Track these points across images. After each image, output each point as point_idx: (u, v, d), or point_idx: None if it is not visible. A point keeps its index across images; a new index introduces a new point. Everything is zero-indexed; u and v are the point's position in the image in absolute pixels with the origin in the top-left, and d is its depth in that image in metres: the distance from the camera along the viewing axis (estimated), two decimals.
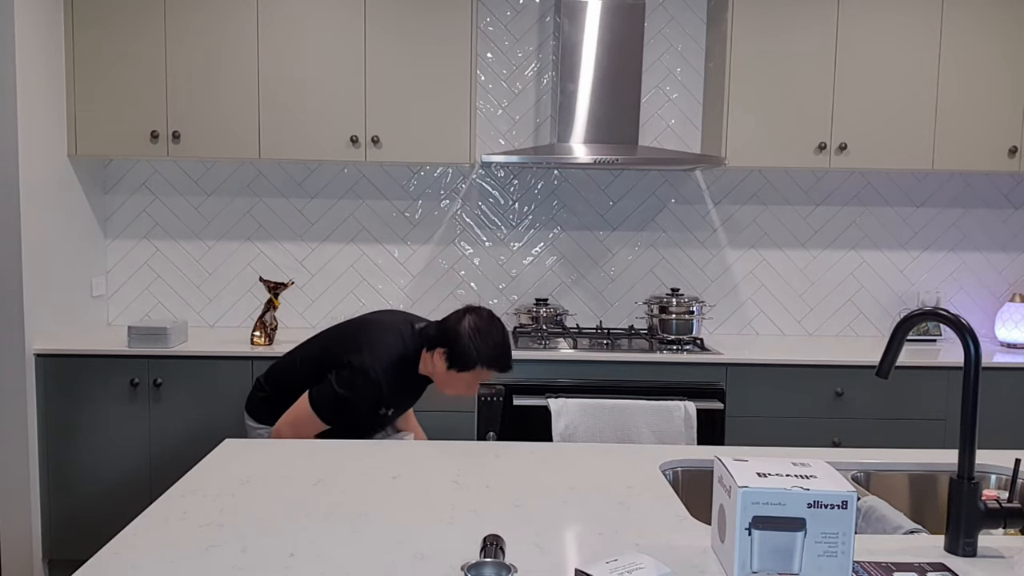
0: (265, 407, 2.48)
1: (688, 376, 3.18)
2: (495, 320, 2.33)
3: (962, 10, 3.36)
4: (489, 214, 3.76)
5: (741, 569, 1.22)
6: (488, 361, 2.29)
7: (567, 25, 3.39)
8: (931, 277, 3.82)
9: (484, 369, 2.30)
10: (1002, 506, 1.38)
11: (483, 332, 2.28)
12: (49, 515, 3.18)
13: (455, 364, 2.29)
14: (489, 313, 2.34)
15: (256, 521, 1.46)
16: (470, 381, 2.33)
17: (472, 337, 2.27)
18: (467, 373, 2.30)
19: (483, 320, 2.30)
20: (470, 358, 2.27)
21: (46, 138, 3.19)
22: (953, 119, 3.39)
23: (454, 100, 3.35)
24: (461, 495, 1.62)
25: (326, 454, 1.88)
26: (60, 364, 3.13)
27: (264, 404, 2.48)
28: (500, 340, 2.31)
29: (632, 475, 1.76)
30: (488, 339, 2.28)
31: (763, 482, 1.23)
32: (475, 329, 2.28)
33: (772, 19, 3.36)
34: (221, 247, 3.73)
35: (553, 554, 1.35)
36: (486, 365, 2.29)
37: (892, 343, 1.53)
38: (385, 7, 3.31)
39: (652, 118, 3.73)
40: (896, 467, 1.88)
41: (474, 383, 2.34)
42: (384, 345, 2.32)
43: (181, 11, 3.28)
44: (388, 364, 2.29)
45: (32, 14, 3.07)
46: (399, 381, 2.34)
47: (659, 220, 3.77)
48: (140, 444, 3.18)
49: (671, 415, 3.02)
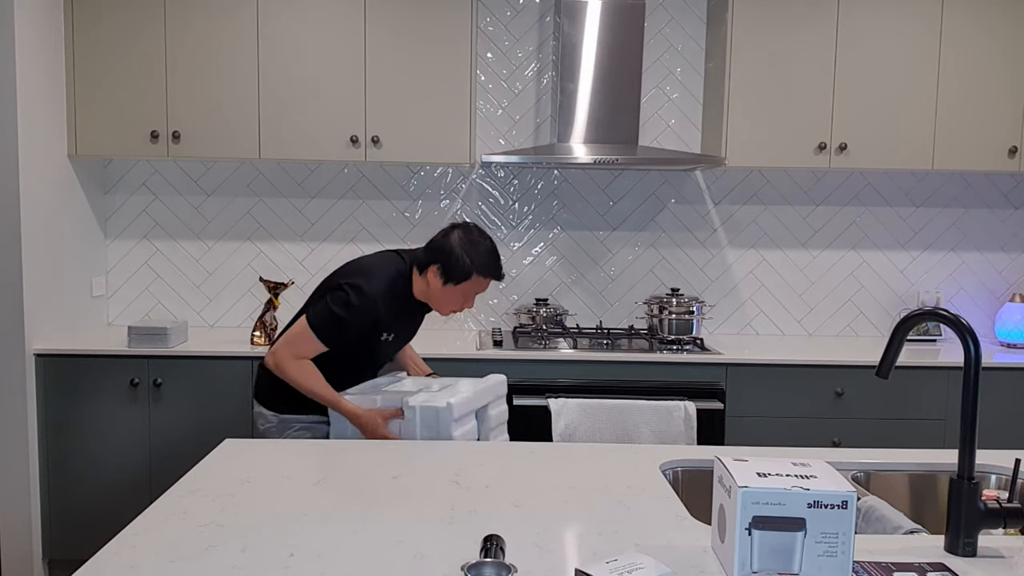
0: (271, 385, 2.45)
1: (688, 376, 3.18)
2: (482, 231, 2.39)
3: (962, 10, 3.36)
4: (489, 214, 3.76)
5: (741, 569, 1.23)
6: (482, 268, 2.33)
7: (567, 25, 3.39)
8: (931, 277, 3.82)
9: (479, 277, 2.34)
10: (1002, 506, 1.38)
11: (473, 242, 2.34)
12: (49, 515, 3.18)
13: (451, 277, 2.33)
14: (475, 226, 2.39)
15: (256, 521, 1.47)
16: (466, 292, 2.37)
17: (464, 248, 2.32)
18: (463, 285, 2.34)
19: (471, 232, 2.36)
20: (464, 267, 2.31)
21: (46, 138, 3.19)
22: (953, 119, 3.39)
23: (454, 100, 3.35)
24: (461, 495, 1.62)
25: (326, 454, 1.88)
26: (60, 364, 3.13)
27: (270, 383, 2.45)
28: (490, 247, 2.37)
29: (632, 475, 1.76)
30: (479, 247, 2.34)
31: (763, 482, 1.23)
32: (465, 241, 2.33)
33: (772, 19, 3.36)
34: (221, 247, 3.73)
35: (553, 554, 1.35)
36: (480, 273, 2.33)
37: (892, 343, 1.53)
38: (385, 7, 3.31)
39: (652, 118, 3.73)
40: (896, 467, 1.88)
41: (470, 295, 2.38)
42: (378, 267, 2.38)
43: (181, 11, 3.28)
44: (385, 284, 2.34)
45: (32, 14, 3.07)
46: (395, 304, 2.36)
47: (659, 220, 3.77)
48: (140, 444, 3.18)
49: (671, 415, 3.02)
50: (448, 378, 2.51)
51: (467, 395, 2.24)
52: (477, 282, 2.35)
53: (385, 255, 2.48)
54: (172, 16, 3.28)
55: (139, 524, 1.44)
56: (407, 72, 3.33)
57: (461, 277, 2.33)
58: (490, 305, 3.78)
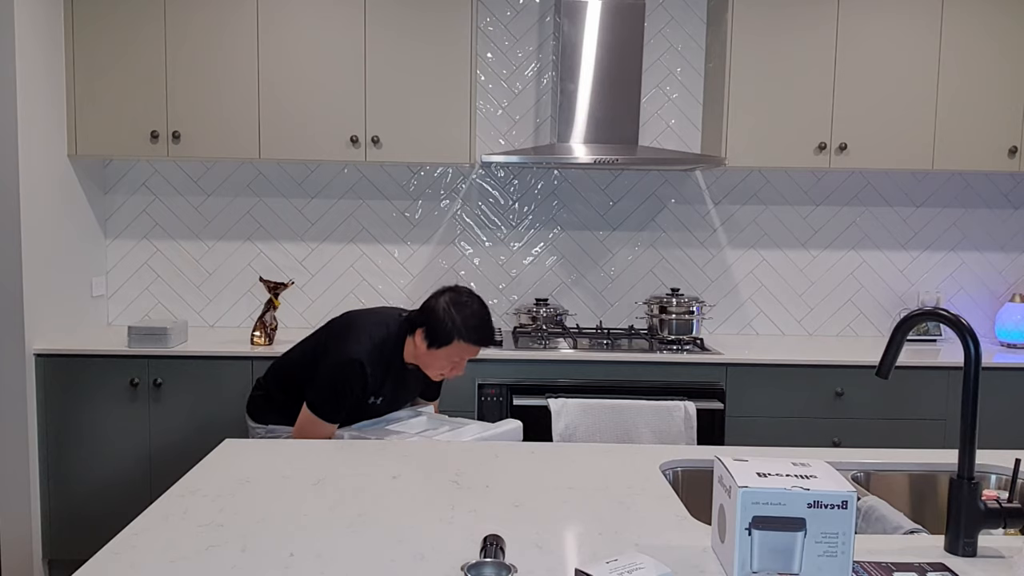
0: (264, 406, 2.49)
1: (688, 376, 3.18)
2: (473, 295, 2.34)
3: (962, 10, 3.36)
4: (489, 214, 3.76)
5: (741, 569, 1.23)
6: (464, 333, 2.27)
7: (567, 25, 3.39)
8: (931, 277, 3.82)
9: (463, 342, 2.28)
10: (1002, 506, 1.38)
11: (458, 304, 2.29)
12: (49, 515, 3.18)
13: (433, 341, 2.28)
14: (467, 290, 2.35)
15: (256, 521, 1.47)
16: (451, 357, 2.30)
17: (447, 311, 2.27)
18: (446, 348, 2.29)
19: (459, 295, 2.32)
20: (446, 331, 2.27)
21: (46, 138, 3.19)
22: (953, 119, 3.39)
23: (454, 100, 3.35)
24: (461, 495, 1.62)
25: (326, 454, 1.88)
26: (60, 364, 3.13)
27: (263, 403, 2.50)
28: (477, 311, 2.30)
29: (632, 475, 1.76)
30: (464, 310, 2.28)
31: (763, 482, 1.23)
32: (450, 303, 2.29)
33: (772, 19, 3.36)
34: (221, 247, 3.73)
35: (553, 554, 1.35)
36: (463, 338, 2.27)
37: (892, 343, 1.53)
38: (385, 7, 3.31)
39: (652, 118, 3.73)
40: (896, 467, 1.88)
41: (457, 360, 2.32)
42: (366, 332, 2.34)
43: (181, 11, 3.28)
44: (370, 348, 2.30)
45: (32, 14, 3.07)
46: (384, 367, 2.33)
47: (659, 220, 3.77)
48: (140, 444, 3.18)
49: (671, 415, 3.02)
50: (463, 419, 2.43)
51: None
52: (461, 347, 2.28)
53: (381, 314, 2.44)
54: (172, 16, 3.28)
55: (139, 524, 1.44)
56: (407, 72, 3.33)
57: (443, 341, 2.27)
58: (490, 305, 3.78)
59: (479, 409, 3.15)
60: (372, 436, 2.23)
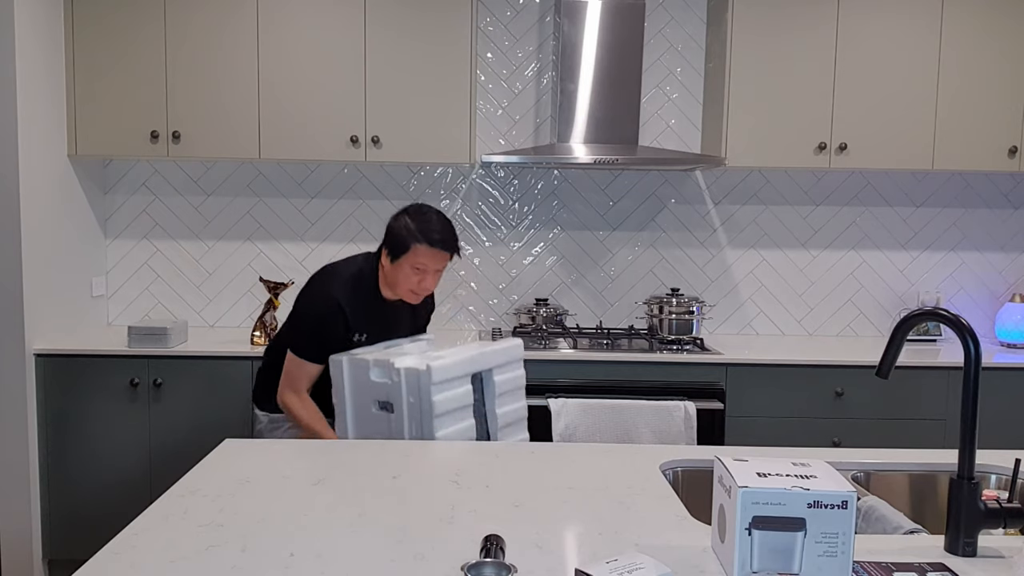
0: (263, 391, 2.49)
1: (688, 376, 3.18)
2: (433, 208, 2.35)
3: (962, 10, 3.36)
4: (489, 214, 3.76)
5: (741, 569, 1.23)
6: (419, 236, 2.26)
7: (567, 25, 3.39)
8: (931, 277, 3.82)
9: (420, 246, 2.26)
10: (1002, 506, 1.38)
11: (415, 214, 2.31)
12: (49, 515, 3.18)
13: (392, 252, 2.29)
14: (429, 205, 2.36)
15: (256, 521, 1.46)
16: (415, 266, 2.28)
17: (404, 221, 2.29)
18: (407, 257, 2.27)
19: (418, 208, 2.33)
20: (403, 239, 2.27)
21: (46, 138, 3.19)
22: (953, 119, 3.39)
23: (454, 100, 3.35)
24: (461, 495, 1.62)
25: (326, 454, 1.88)
26: (60, 364, 3.13)
27: (262, 388, 2.50)
28: (434, 218, 2.30)
29: (632, 475, 1.76)
30: (420, 218, 2.29)
31: (763, 482, 1.23)
32: (406, 213, 2.31)
33: (772, 19, 3.36)
34: (221, 247, 3.73)
35: (553, 554, 1.35)
36: (419, 240, 2.26)
37: (892, 343, 1.53)
38: (385, 7, 3.31)
39: (652, 118, 3.73)
40: (896, 467, 1.88)
41: (421, 268, 2.29)
42: (337, 271, 2.37)
43: (181, 11, 3.28)
44: (342, 283, 2.32)
45: (32, 14, 3.06)
46: (362, 303, 2.33)
47: (659, 220, 3.77)
48: (140, 444, 3.18)
49: (671, 415, 3.02)
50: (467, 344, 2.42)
51: (459, 358, 2.17)
52: (420, 252, 2.27)
53: (352, 256, 2.46)
54: (172, 16, 3.28)
55: (139, 524, 1.44)
56: (407, 72, 3.33)
57: (402, 248, 2.27)
58: (490, 305, 3.78)
59: None
60: (370, 358, 2.20)
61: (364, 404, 2.23)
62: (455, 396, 2.16)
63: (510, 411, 2.33)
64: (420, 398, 2.11)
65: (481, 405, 2.29)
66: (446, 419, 2.14)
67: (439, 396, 2.11)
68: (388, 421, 2.18)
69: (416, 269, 2.29)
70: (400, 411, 2.15)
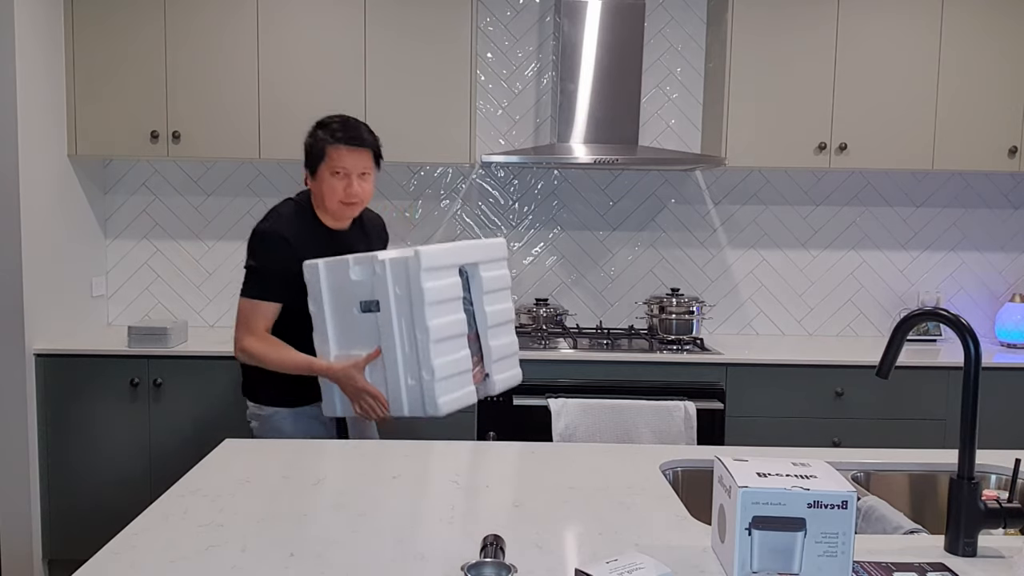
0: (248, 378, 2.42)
1: (688, 376, 3.18)
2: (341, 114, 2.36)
3: (962, 10, 3.36)
4: (489, 214, 3.76)
5: (741, 569, 1.23)
6: (328, 136, 2.25)
7: (567, 25, 3.39)
8: (931, 277, 3.82)
9: (330, 146, 2.25)
10: (1002, 506, 1.38)
11: (319, 122, 2.32)
12: (49, 515, 3.18)
13: (311, 167, 2.29)
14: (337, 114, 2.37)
15: (256, 521, 1.46)
16: (334, 170, 2.25)
17: (311, 132, 2.32)
18: (324, 164, 2.26)
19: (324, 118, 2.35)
20: (311, 147, 2.29)
21: (46, 138, 3.19)
22: (953, 119, 3.39)
23: (454, 100, 3.35)
24: (461, 495, 1.62)
25: (326, 454, 1.88)
26: (60, 364, 3.13)
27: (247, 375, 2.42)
28: (338, 118, 2.31)
29: (632, 475, 1.76)
30: (324, 123, 2.31)
31: (763, 482, 1.23)
32: (315, 126, 2.33)
33: (772, 19, 3.36)
34: (221, 247, 3.73)
35: (553, 554, 1.35)
36: (328, 141, 2.25)
37: (892, 343, 1.53)
38: (385, 7, 3.31)
39: (652, 118, 3.73)
40: (896, 467, 1.88)
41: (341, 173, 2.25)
42: (271, 212, 2.34)
43: (181, 11, 3.28)
44: (277, 217, 2.30)
45: (32, 14, 3.06)
46: (303, 231, 2.28)
47: (659, 220, 3.77)
48: (140, 444, 3.18)
49: (671, 415, 3.02)
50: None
51: (446, 247, 2.10)
52: (331, 154, 2.25)
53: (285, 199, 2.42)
54: (172, 16, 3.28)
55: (139, 524, 1.44)
56: (407, 72, 3.33)
57: (316, 158, 2.27)
58: None
59: (479, 409, 3.15)
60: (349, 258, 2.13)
61: (345, 308, 2.13)
62: (445, 286, 2.06)
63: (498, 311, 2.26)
64: (409, 288, 2.01)
65: (469, 304, 2.20)
66: (438, 309, 2.04)
67: (429, 283, 2.01)
68: (373, 322, 2.09)
69: (336, 174, 2.25)
70: (387, 307, 2.05)
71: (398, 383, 2.11)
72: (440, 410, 2.07)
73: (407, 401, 2.11)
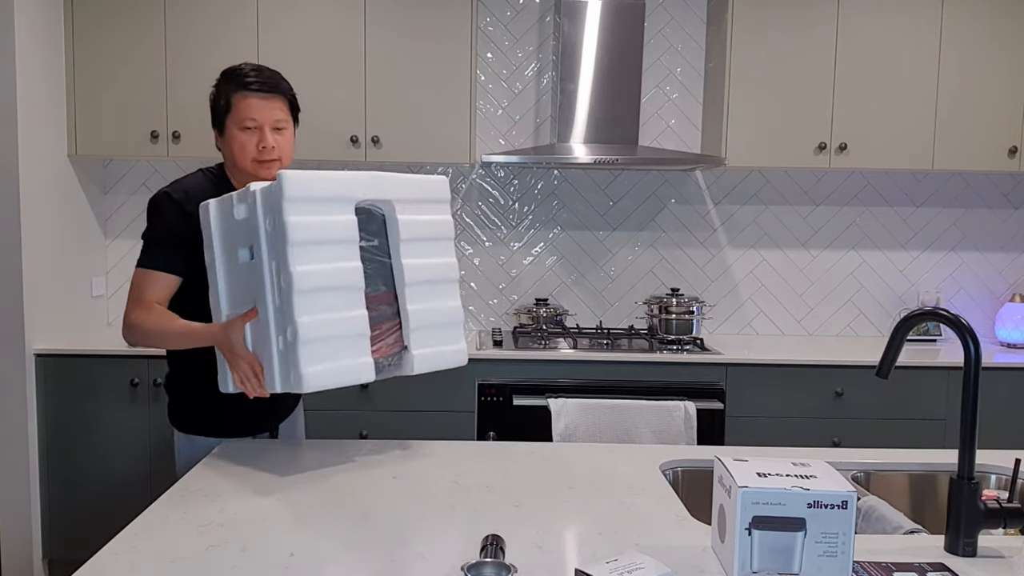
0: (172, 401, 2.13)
1: (688, 376, 3.18)
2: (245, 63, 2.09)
3: (962, 10, 3.36)
4: (489, 214, 3.76)
5: (741, 569, 1.23)
6: (233, 85, 1.98)
7: (567, 25, 3.39)
8: (931, 277, 3.82)
9: (235, 96, 1.98)
10: (1002, 506, 1.38)
11: (223, 72, 2.05)
12: (49, 515, 3.18)
13: (217, 123, 2.01)
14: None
15: (256, 521, 1.46)
16: (242, 123, 1.97)
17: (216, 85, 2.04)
18: (230, 119, 1.98)
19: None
20: (217, 97, 2.01)
21: (46, 138, 3.19)
22: (953, 119, 3.39)
23: (454, 100, 3.35)
24: (461, 495, 1.62)
25: (326, 454, 1.88)
26: (60, 364, 3.13)
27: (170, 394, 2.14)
28: (242, 65, 2.04)
29: (632, 475, 1.76)
30: (227, 73, 2.03)
31: (763, 482, 1.23)
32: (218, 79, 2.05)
33: (772, 19, 3.36)
34: None
35: (553, 554, 1.35)
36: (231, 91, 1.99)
37: (892, 343, 1.53)
38: (385, 7, 3.31)
39: (652, 118, 3.73)
40: (896, 467, 1.88)
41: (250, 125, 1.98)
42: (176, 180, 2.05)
43: (181, 11, 3.28)
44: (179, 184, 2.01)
45: (32, 14, 3.06)
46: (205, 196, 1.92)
47: (659, 220, 3.77)
48: (140, 444, 3.18)
49: (671, 415, 3.02)
50: None
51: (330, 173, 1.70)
52: (239, 105, 1.97)
53: None
54: (172, 17, 3.28)
55: (139, 524, 1.44)
56: (407, 72, 3.33)
57: (223, 111, 1.98)
58: (490, 305, 3.78)
59: (479, 409, 3.15)
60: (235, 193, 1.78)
61: (233, 255, 1.77)
62: (323, 223, 1.65)
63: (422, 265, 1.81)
64: (275, 223, 1.63)
65: (386, 256, 1.79)
66: (309, 252, 1.62)
67: (294, 217, 1.61)
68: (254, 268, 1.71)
69: (246, 128, 1.97)
70: (259, 249, 1.68)
71: (270, 347, 1.67)
72: (304, 383, 1.61)
73: (279, 370, 1.66)
